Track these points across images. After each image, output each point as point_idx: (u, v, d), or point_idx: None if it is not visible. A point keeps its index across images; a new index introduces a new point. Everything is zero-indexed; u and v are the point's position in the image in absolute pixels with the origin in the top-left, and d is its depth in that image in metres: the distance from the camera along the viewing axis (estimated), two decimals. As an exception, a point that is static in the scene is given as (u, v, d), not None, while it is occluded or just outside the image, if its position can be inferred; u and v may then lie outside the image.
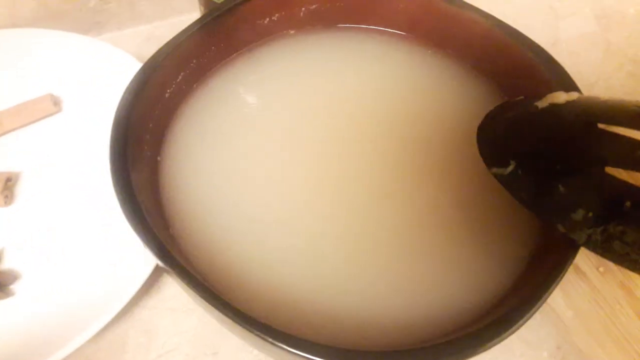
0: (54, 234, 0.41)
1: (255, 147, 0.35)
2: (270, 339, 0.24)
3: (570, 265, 0.27)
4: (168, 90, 0.35)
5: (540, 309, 0.39)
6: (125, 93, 0.32)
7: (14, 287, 0.38)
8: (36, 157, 0.44)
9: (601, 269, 0.38)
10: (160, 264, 0.27)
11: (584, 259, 0.38)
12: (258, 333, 0.24)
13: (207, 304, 0.25)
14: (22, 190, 0.43)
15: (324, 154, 0.35)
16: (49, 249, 0.40)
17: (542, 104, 0.30)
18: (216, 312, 0.25)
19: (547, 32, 0.58)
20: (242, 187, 0.34)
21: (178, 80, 0.36)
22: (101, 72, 0.47)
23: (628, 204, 0.26)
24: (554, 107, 0.30)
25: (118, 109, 0.31)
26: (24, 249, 0.40)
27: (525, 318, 0.25)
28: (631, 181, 0.28)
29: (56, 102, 0.47)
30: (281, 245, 0.32)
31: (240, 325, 0.25)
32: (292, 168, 0.35)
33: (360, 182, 0.34)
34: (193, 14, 0.53)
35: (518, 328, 0.25)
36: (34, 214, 0.41)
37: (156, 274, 0.39)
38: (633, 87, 0.54)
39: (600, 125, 0.29)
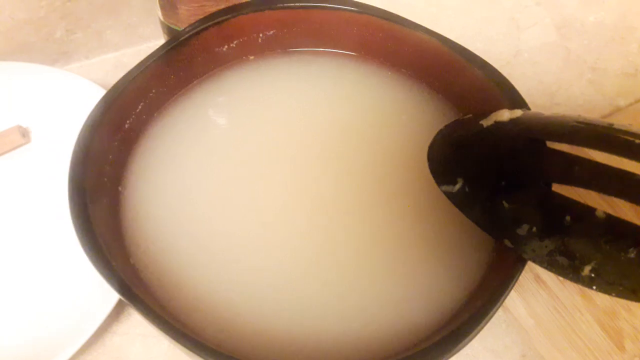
0: (22, 264, 0.41)
1: (217, 174, 0.36)
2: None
3: (517, 280, 0.28)
4: (127, 121, 0.36)
5: (505, 317, 0.40)
6: (83, 127, 0.33)
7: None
8: (5, 188, 0.45)
9: (561, 277, 0.39)
10: (122, 298, 0.27)
11: (544, 268, 0.39)
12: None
13: (169, 338, 0.26)
14: (-10, 222, 0.43)
15: (285, 177, 0.36)
16: (16, 279, 0.40)
17: (487, 122, 0.31)
18: (180, 346, 0.26)
19: (509, 44, 0.59)
20: (205, 214, 0.34)
21: (137, 110, 0.37)
22: (68, 103, 0.48)
23: (568, 218, 0.27)
24: (498, 124, 0.31)
25: (76, 143, 0.32)
26: (-9, 280, 0.40)
27: (473, 334, 0.26)
28: (574, 196, 0.29)
29: (24, 134, 0.47)
30: (246, 272, 0.32)
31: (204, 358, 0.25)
32: (252, 192, 0.35)
33: (320, 202, 0.35)
34: (160, 40, 0.54)
35: (465, 345, 0.26)
36: (1, 245, 0.42)
37: (125, 300, 0.40)
38: (592, 94, 0.55)
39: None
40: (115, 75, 0.53)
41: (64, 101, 0.48)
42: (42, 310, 0.39)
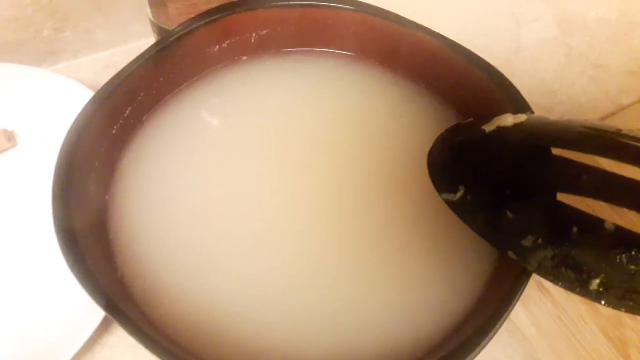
0: (8, 273, 0.40)
1: (209, 181, 0.35)
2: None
3: (522, 293, 0.27)
4: (115, 126, 0.35)
5: (507, 326, 0.39)
6: (68, 133, 0.31)
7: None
8: (-9, 194, 0.44)
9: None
10: (108, 315, 0.26)
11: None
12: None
13: (156, 356, 0.25)
14: (-24, 228, 0.42)
15: (280, 183, 0.35)
16: (3, 289, 0.39)
17: (489, 127, 0.30)
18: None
19: (510, 40, 0.58)
20: (196, 224, 0.33)
21: (126, 114, 0.35)
22: (55, 105, 0.46)
23: (575, 229, 0.26)
24: (501, 130, 0.29)
25: (60, 150, 0.31)
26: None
27: (478, 350, 0.25)
28: (583, 206, 0.27)
29: (10, 138, 0.46)
30: (239, 285, 0.31)
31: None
32: (246, 199, 0.34)
33: (315, 209, 0.34)
34: (150, 39, 0.52)
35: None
36: (-12, 252, 0.41)
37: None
38: (595, 92, 0.54)
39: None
40: (105, 75, 0.51)
41: (52, 104, 0.47)
42: (30, 322, 0.38)
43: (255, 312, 0.30)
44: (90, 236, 0.30)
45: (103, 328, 0.38)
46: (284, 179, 0.35)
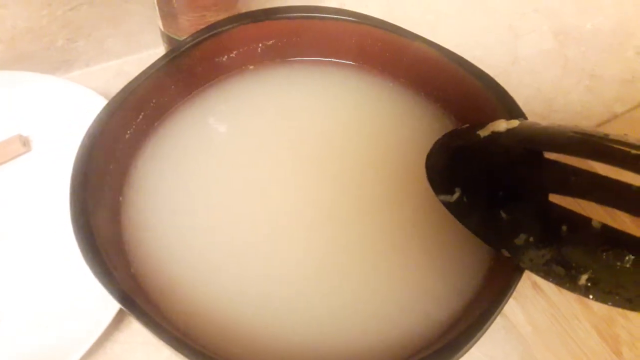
0: (23, 273, 0.41)
1: (217, 184, 0.36)
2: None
3: (514, 289, 0.28)
4: (128, 131, 0.36)
5: (503, 324, 0.40)
6: (84, 137, 0.33)
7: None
8: (6, 197, 0.45)
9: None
10: (123, 308, 0.28)
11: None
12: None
13: (170, 347, 0.26)
14: (-8, 231, 0.43)
15: (285, 186, 0.36)
16: (17, 288, 0.40)
17: (484, 132, 0.31)
18: (180, 355, 0.26)
19: (507, 51, 0.59)
20: (205, 224, 0.35)
21: (138, 120, 0.37)
22: (69, 111, 0.48)
23: (564, 228, 0.27)
24: (495, 135, 0.31)
25: (77, 154, 0.32)
26: (-8, 290, 0.40)
27: (469, 344, 0.26)
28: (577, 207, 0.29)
29: (25, 143, 0.48)
30: (247, 282, 0.32)
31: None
32: (253, 202, 0.36)
33: (319, 211, 0.35)
34: (159, 49, 0.54)
35: (463, 354, 0.26)
36: (3, 254, 0.42)
37: (127, 309, 0.40)
38: (591, 100, 0.55)
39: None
40: (116, 83, 0.54)
41: (65, 110, 0.48)
42: (43, 319, 0.39)
43: (262, 308, 0.31)
44: (105, 235, 0.31)
45: (114, 325, 0.40)
46: (288, 185, 0.37)
